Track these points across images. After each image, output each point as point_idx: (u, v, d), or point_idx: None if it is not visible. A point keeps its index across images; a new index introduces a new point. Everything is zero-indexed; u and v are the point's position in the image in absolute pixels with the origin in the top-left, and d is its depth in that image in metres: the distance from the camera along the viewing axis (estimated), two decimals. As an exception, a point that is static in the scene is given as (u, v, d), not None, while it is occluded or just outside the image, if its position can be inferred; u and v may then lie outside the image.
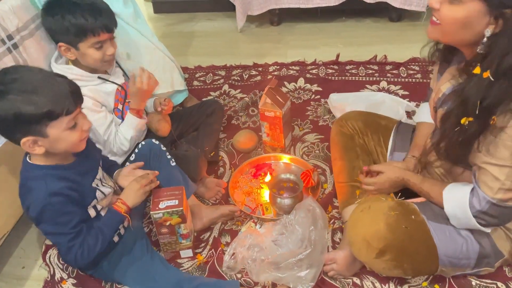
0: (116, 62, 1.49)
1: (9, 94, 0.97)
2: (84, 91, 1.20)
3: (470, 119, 0.89)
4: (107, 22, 1.31)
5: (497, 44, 0.84)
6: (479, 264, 1.07)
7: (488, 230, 1.01)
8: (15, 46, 1.27)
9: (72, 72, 1.34)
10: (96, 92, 1.37)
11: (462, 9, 0.86)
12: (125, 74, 1.52)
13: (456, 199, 1.01)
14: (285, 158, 1.66)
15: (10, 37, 1.25)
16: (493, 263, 1.07)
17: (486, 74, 0.85)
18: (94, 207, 1.19)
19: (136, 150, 1.42)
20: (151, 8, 3.06)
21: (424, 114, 1.29)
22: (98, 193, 1.18)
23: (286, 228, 1.32)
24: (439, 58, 1.12)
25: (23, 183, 1.11)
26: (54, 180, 1.08)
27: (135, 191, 1.22)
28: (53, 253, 1.39)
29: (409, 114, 1.81)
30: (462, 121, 0.91)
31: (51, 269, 1.35)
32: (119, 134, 1.42)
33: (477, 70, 0.87)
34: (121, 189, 1.28)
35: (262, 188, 1.56)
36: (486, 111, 0.87)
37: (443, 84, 1.06)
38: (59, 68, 1.35)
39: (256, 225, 1.42)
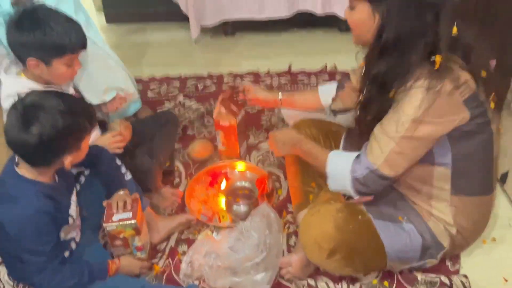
0: None
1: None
2: None
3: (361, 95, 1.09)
4: (84, 39, 1.29)
5: (378, 31, 1.00)
6: (423, 256, 1.14)
7: (356, 196, 1.10)
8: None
9: (23, 85, 1.27)
10: None
11: (356, 12, 1.03)
12: (75, 86, 1.49)
13: (340, 161, 1.11)
14: (240, 165, 1.68)
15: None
16: (436, 255, 1.15)
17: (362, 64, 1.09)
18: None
19: None
20: (103, 18, 3.01)
21: (326, 87, 1.47)
22: (70, 218, 1.18)
23: (242, 234, 1.34)
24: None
25: (8, 193, 1.08)
26: (43, 197, 1.07)
27: (133, 265, 1.26)
28: (2, 269, 1.32)
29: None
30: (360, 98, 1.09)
31: (0, 288, 1.29)
32: None
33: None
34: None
35: (218, 196, 1.57)
36: (381, 84, 1.02)
37: None
38: (9, 79, 1.30)
39: (213, 233, 1.44)
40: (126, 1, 2.94)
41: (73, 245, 1.24)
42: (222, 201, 1.55)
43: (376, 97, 1.04)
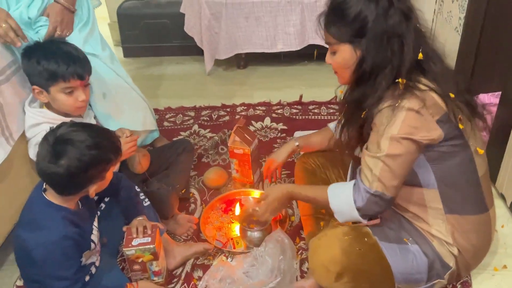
0: (89, 104, 1.54)
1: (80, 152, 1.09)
2: None
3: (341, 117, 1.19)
4: (79, 70, 1.36)
5: (358, 61, 1.07)
6: (431, 277, 1.15)
7: (365, 221, 1.13)
8: (-9, 90, 1.31)
9: (43, 116, 1.39)
10: None
11: (339, 54, 1.10)
12: (95, 116, 1.57)
13: (340, 195, 1.15)
14: (254, 193, 1.73)
15: (-14, 82, 1.30)
16: (443, 275, 1.15)
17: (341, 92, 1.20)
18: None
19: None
20: (121, 53, 3.15)
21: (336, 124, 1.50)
22: (91, 244, 1.23)
23: (256, 260, 1.36)
24: None
25: (35, 218, 1.12)
26: (69, 223, 1.12)
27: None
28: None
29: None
30: (340, 117, 1.20)
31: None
32: None
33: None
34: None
35: (233, 222, 1.61)
36: (352, 105, 1.12)
37: None
38: (32, 111, 1.40)
39: (227, 258, 1.47)
40: (143, 36, 3.07)
41: (93, 270, 1.28)
42: (236, 227, 1.58)
43: (352, 119, 1.14)
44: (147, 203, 1.45)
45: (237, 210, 1.65)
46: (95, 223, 1.29)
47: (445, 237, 1.13)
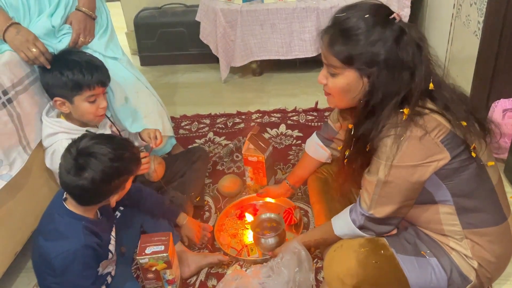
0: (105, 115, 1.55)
1: (121, 161, 1.13)
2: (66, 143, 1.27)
3: (347, 151, 1.13)
4: (101, 77, 1.40)
5: (365, 95, 1.03)
6: None
7: (372, 235, 1.15)
8: (10, 100, 1.34)
9: (61, 126, 1.41)
10: None
11: (342, 78, 1.04)
12: (113, 124, 1.58)
13: (342, 222, 1.19)
14: (268, 198, 1.71)
15: (5, 92, 1.33)
16: None
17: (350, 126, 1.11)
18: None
19: None
20: (138, 61, 3.20)
21: (313, 147, 1.51)
22: (109, 253, 1.24)
23: (273, 271, 1.35)
24: (344, 117, 1.36)
25: (55, 227, 1.14)
26: (88, 233, 1.14)
27: None
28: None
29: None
30: (346, 152, 1.14)
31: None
32: None
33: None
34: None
35: (247, 229, 1.60)
36: (361, 141, 1.07)
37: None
38: (49, 121, 1.42)
39: (242, 268, 1.45)
40: (159, 45, 3.11)
41: (109, 279, 1.29)
42: (250, 234, 1.57)
43: (360, 152, 1.09)
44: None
45: (249, 217, 1.64)
46: (113, 233, 1.30)
47: (464, 250, 1.09)
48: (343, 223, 1.19)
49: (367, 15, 0.99)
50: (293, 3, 2.57)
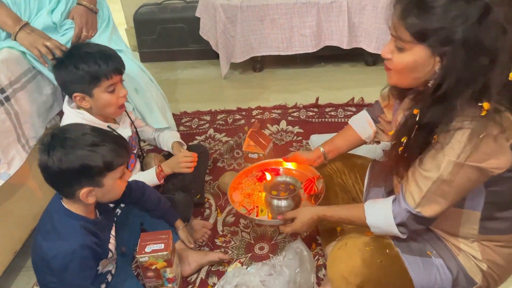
0: (125, 112, 1.53)
1: (78, 148, 1.04)
2: None
3: (405, 138, 0.99)
4: (117, 65, 1.36)
5: (437, 77, 0.92)
6: None
7: (404, 236, 1.07)
8: (7, 98, 1.33)
9: (83, 117, 1.37)
10: None
11: (410, 54, 0.94)
12: (132, 123, 1.56)
13: (379, 212, 1.08)
14: (292, 165, 1.57)
15: (2, 91, 1.32)
16: None
17: (416, 111, 0.96)
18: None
19: None
20: (138, 58, 3.18)
21: (358, 121, 1.40)
22: (109, 252, 1.23)
23: (274, 269, 1.34)
24: (397, 96, 1.20)
25: (54, 227, 1.12)
26: (87, 233, 1.12)
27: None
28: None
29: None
30: (402, 139, 1.00)
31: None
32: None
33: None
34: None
35: (263, 191, 1.47)
36: (425, 130, 0.95)
37: (399, 115, 1.14)
38: (71, 111, 1.38)
39: (242, 265, 1.45)
40: (159, 41, 3.10)
41: (109, 278, 1.28)
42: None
43: (421, 141, 0.98)
44: (168, 204, 1.45)
45: (268, 177, 1.53)
46: (113, 232, 1.29)
47: (474, 252, 1.07)
48: (381, 214, 1.07)
49: None
50: (293, -2, 2.54)
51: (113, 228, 1.30)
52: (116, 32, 1.70)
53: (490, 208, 1.01)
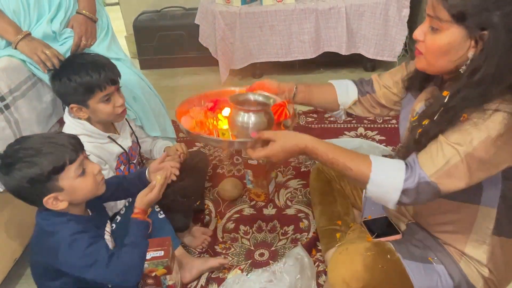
0: (126, 120, 1.52)
1: (16, 164, 1.03)
2: (89, 147, 1.28)
3: (426, 121, 0.95)
4: (110, 75, 1.34)
5: (473, 62, 0.90)
6: None
7: (393, 207, 0.98)
8: (7, 106, 1.34)
9: (84, 128, 1.37)
10: (101, 150, 1.40)
11: (445, 36, 0.91)
12: (133, 132, 1.56)
13: (390, 169, 0.97)
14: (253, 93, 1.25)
15: (2, 98, 1.32)
16: None
17: (446, 93, 0.92)
18: None
19: (127, 204, 1.45)
20: (138, 65, 3.20)
21: (342, 86, 1.30)
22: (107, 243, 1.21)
23: (275, 276, 1.34)
24: (415, 87, 1.15)
25: (43, 229, 1.11)
26: (76, 224, 1.10)
27: (143, 196, 1.24)
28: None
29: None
30: (424, 122, 0.95)
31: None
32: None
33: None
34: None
35: (220, 120, 1.24)
36: (449, 113, 0.91)
37: (417, 105, 1.11)
38: (73, 121, 1.38)
39: (242, 272, 1.44)
40: (159, 48, 3.11)
41: (110, 285, 1.27)
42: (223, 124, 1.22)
43: (445, 122, 0.93)
44: (162, 215, 1.44)
45: (227, 113, 1.24)
46: (107, 228, 1.27)
47: (479, 256, 1.06)
48: (390, 172, 0.96)
49: None
50: (291, 5, 2.56)
51: (108, 224, 1.28)
52: (115, 40, 1.71)
53: (505, 204, 1.00)
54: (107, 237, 1.26)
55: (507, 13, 0.84)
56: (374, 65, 2.81)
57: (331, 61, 2.81)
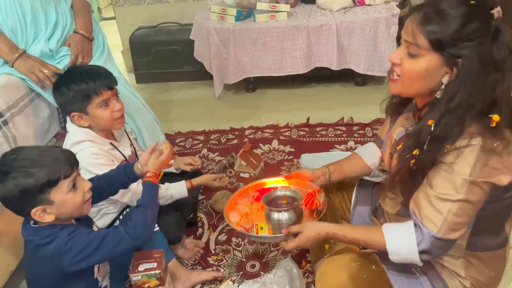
0: (125, 131, 1.57)
1: (11, 173, 1.04)
2: (95, 150, 1.36)
3: (416, 151, 0.99)
4: (106, 81, 1.40)
5: (449, 88, 0.95)
6: None
7: (421, 264, 1.03)
8: (5, 122, 1.38)
9: (87, 134, 1.41)
10: (107, 154, 1.44)
11: (423, 61, 0.96)
12: (131, 144, 1.59)
13: (401, 238, 1.02)
14: (290, 184, 1.47)
15: (0, 115, 1.36)
16: None
17: (431, 122, 0.96)
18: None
19: (124, 213, 1.49)
20: (133, 79, 3.24)
21: (366, 150, 1.40)
22: None
23: (265, 287, 1.37)
24: (392, 111, 1.24)
25: (36, 244, 1.11)
26: (68, 229, 1.12)
27: (155, 159, 1.26)
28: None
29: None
30: (414, 152, 0.99)
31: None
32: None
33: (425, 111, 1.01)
34: None
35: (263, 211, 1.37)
36: (436, 142, 0.95)
37: (395, 131, 1.17)
38: (77, 128, 1.42)
39: (234, 283, 1.47)
40: (154, 63, 3.16)
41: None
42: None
43: (433, 154, 0.97)
44: (156, 228, 1.47)
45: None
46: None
47: (458, 269, 1.08)
48: (403, 240, 1.01)
49: (471, 1, 0.92)
50: (284, 22, 2.63)
51: (94, 227, 1.29)
52: (110, 58, 1.76)
53: (480, 224, 1.03)
54: None
55: (479, 43, 0.90)
56: (365, 80, 2.87)
57: (322, 76, 2.87)
